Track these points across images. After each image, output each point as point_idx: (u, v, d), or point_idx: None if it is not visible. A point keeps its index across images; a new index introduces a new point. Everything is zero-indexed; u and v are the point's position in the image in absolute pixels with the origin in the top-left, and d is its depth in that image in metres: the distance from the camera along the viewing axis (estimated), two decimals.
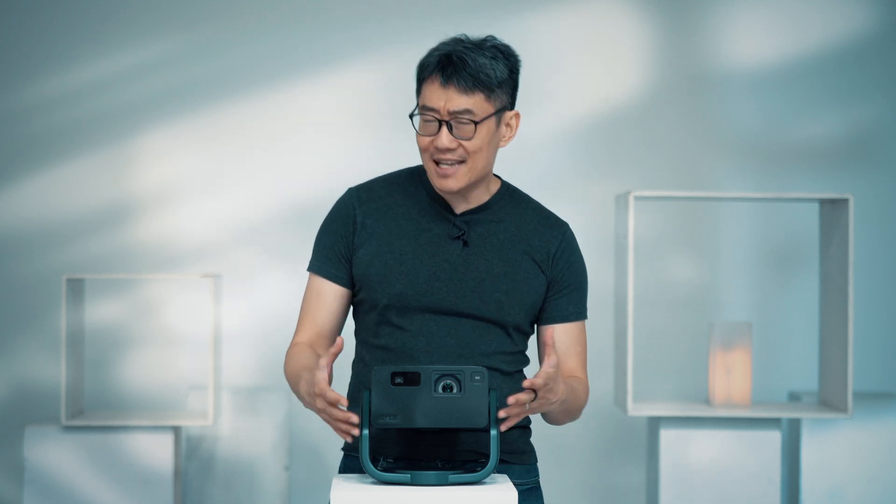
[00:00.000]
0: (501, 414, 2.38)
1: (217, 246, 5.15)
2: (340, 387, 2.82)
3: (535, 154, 5.16)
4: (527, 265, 2.60)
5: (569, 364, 2.63)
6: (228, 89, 5.17)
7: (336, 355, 2.40)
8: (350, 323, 2.70)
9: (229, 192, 5.16)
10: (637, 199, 4.42)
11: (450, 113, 2.51)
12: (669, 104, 5.21)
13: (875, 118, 5.23)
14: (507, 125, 2.58)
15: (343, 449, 2.71)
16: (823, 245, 4.57)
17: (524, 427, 2.68)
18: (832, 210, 4.48)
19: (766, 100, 5.21)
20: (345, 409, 2.40)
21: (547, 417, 2.61)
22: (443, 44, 2.56)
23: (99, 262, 5.11)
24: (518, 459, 2.65)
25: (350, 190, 2.66)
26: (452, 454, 2.57)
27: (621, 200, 4.45)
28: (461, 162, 2.54)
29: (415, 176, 2.66)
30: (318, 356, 2.57)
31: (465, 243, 2.59)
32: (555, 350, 2.43)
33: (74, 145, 5.15)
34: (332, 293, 2.64)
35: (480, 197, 2.63)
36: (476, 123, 2.51)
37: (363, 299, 2.61)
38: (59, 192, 5.14)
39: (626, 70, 5.21)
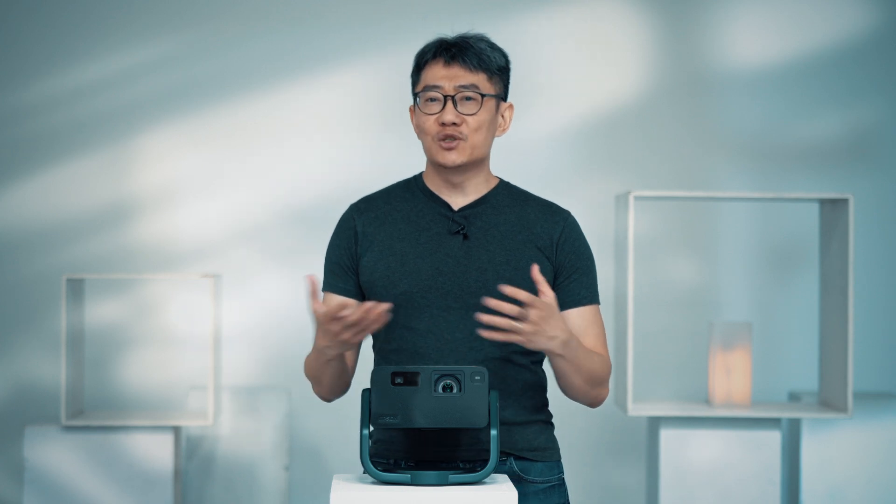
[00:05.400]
0: (507, 290, 2.40)
1: (217, 246, 5.15)
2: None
3: (535, 154, 5.16)
4: (530, 253, 2.61)
5: (586, 343, 2.61)
6: (228, 89, 5.17)
7: (314, 291, 2.43)
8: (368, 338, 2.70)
9: (229, 192, 5.16)
10: (637, 199, 4.42)
11: (455, 88, 2.57)
12: (669, 104, 5.21)
13: (875, 118, 5.23)
14: (502, 116, 2.66)
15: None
16: (823, 245, 4.57)
17: (546, 422, 2.68)
18: (832, 210, 4.47)
19: (766, 100, 5.21)
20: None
21: (565, 381, 2.55)
22: (438, 38, 2.65)
23: (99, 262, 5.10)
24: (540, 456, 2.64)
25: (350, 205, 2.70)
26: (456, 453, 2.56)
27: (621, 200, 4.45)
28: (462, 140, 2.59)
29: (410, 184, 2.69)
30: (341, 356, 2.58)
31: (466, 237, 2.61)
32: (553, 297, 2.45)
33: (74, 145, 5.15)
34: (342, 304, 2.62)
35: (479, 190, 2.66)
36: (483, 96, 2.58)
37: None
38: (59, 192, 5.14)
39: (626, 70, 5.21)
